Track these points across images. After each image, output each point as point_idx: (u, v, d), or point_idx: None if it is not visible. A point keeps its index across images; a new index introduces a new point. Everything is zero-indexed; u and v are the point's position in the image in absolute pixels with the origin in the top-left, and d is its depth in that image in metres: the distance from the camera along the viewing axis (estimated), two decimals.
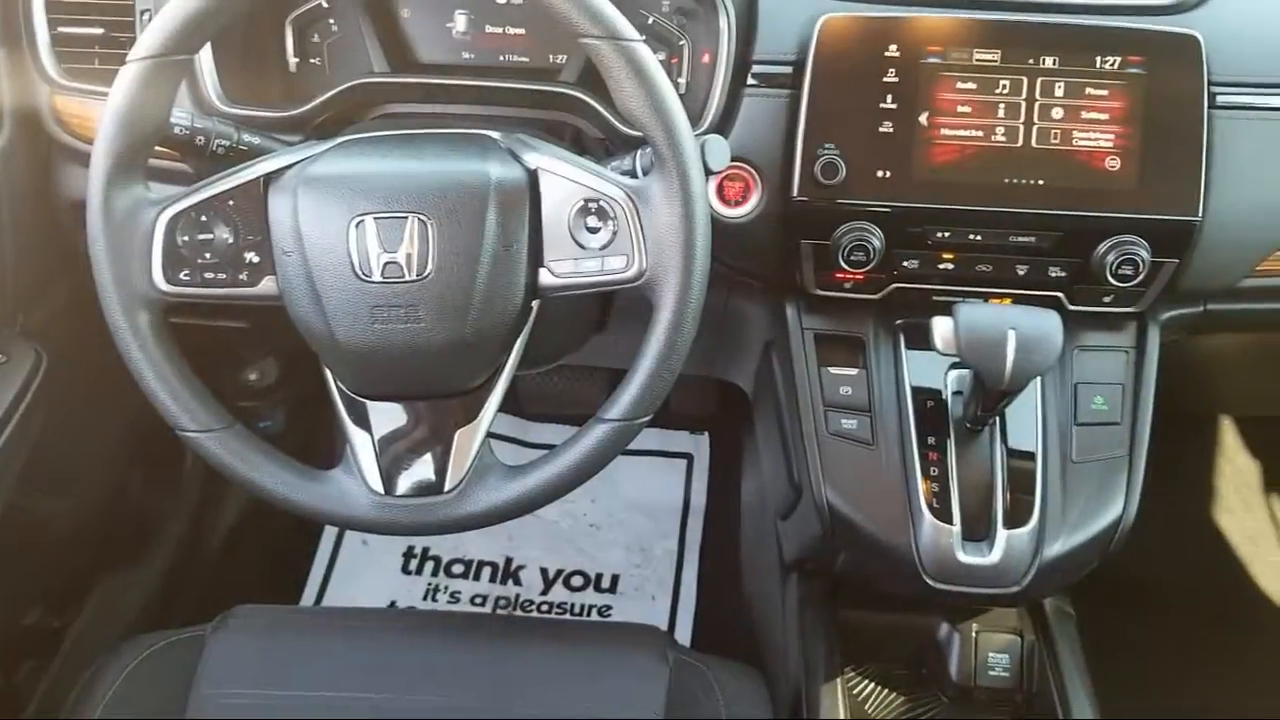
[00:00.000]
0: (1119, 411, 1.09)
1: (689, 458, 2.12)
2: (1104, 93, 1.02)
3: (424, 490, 0.91)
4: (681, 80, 1.15)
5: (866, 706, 1.20)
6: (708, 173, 0.88)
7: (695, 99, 1.10)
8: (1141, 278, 1.04)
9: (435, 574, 1.93)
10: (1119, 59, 1.01)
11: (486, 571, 1.93)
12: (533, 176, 0.87)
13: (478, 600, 1.89)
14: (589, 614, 1.87)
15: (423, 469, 0.92)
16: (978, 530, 1.06)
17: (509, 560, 1.94)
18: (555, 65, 1.16)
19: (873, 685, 1.22)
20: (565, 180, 0.87)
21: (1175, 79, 1.02)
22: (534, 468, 0.91)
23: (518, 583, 1.91)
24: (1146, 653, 1.70)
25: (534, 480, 0.90)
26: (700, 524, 2.01)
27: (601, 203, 0.86)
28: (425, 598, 1.89)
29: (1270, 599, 1.91)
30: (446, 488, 0.91)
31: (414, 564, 1.94)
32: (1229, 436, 2.05)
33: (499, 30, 1.16)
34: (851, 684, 1.21)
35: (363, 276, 0.84)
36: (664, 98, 0.84)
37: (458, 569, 1.93)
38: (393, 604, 1.87)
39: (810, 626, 1.23)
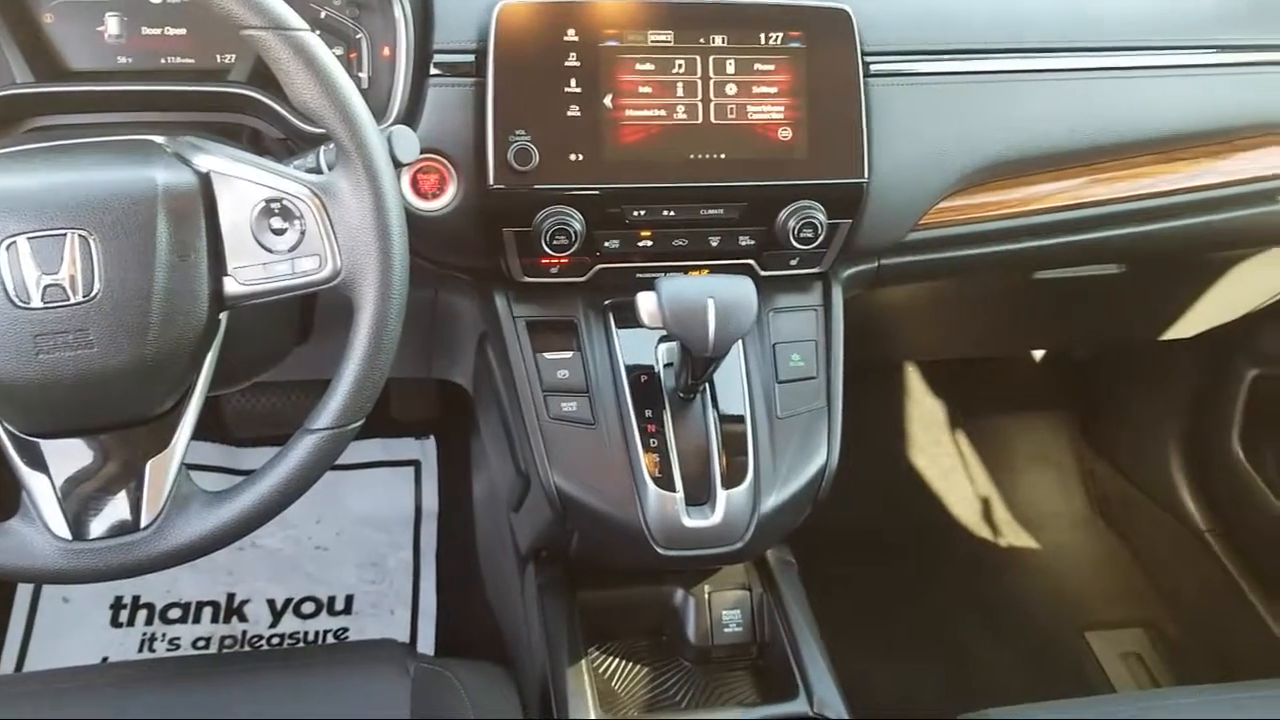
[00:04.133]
0: (814, 366, 1.16)
1: (416, 464, 2.08)
2: (770, 68, 1.07)
3: (119, 530, 0.84)
4: (363, 75, 1.11)
5: (613, 683, 1.22)
6: (397, 165, 0.86)
7: (379, 93, 1.07)
8: (821, 239, 1.10)
9: (150, 622, 1.79)
10: (781, 34, 1.07)
11: (207, 612, 1.81)
12: (205, 180, 0.82)
13: (200, 644, 1.77)
14: (325, 640, 1.79)
15: (116, 507, 0.84)
16: (699, 494, 1.09)
17: (231, 596, 1.84)
18: (224, 65, 1.10)
19: (617, 661, 1.24)
20: (242, 181, 0.82)
21: (832, 51, 1.08)
22: (239, 491, 0.85)
23: (243, 619, 1.81)
24: (863, 588, 1.83)
25: (240, 504, 0.85)
26: (434, 530, 1.98)
27: (285, 202, 0.82)
28: (141, 649, 1.76)
29: (964, 525, 2.10)
30: (143, 524, 0.84)
31: (124, 615, 1.80)
32: (914, 381, 2.24)
33: (157, 32, 1.08)
34: (596, 664, 1.22)
35: (20, 304, 0.76)
36: (339, 87, 0.80)
37: (174, 614, 1.81)
38: (105, 661, 1.72)
39: (551, 613, 1.23)
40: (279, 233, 0.82)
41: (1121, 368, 2.09)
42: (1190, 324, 1.68)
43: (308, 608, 1.84)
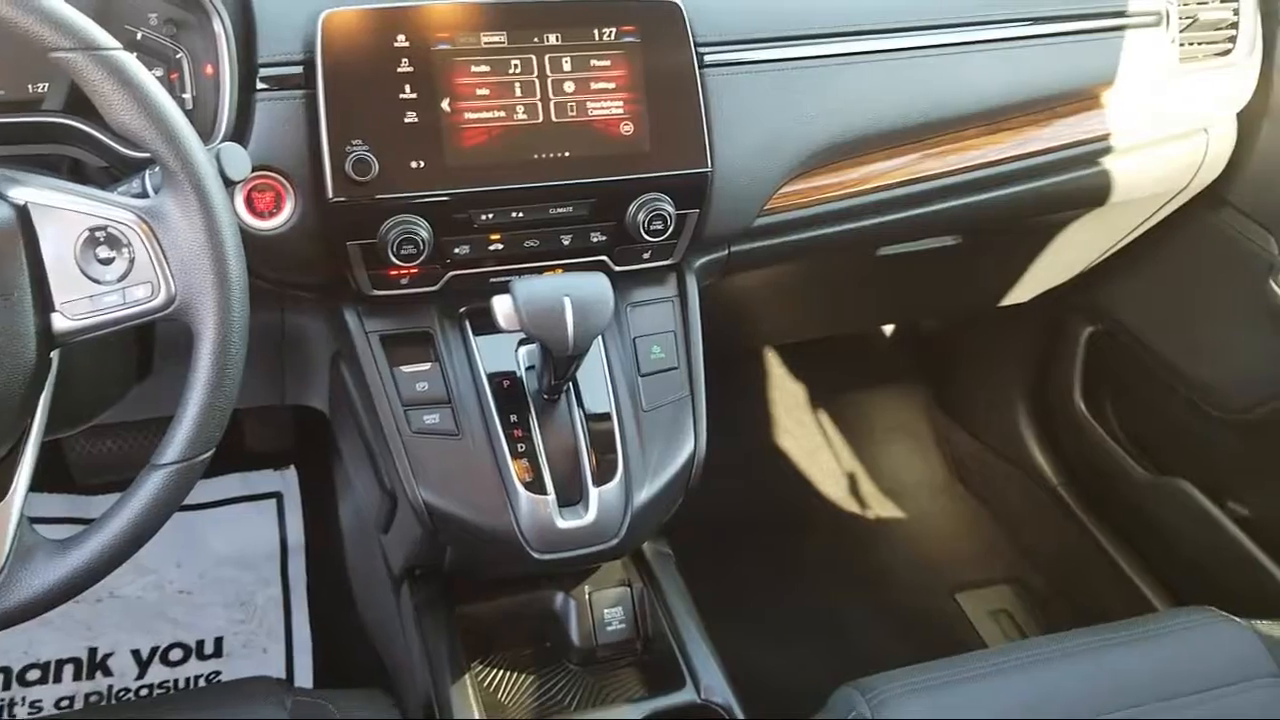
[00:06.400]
0: (675, 357, 1.17)
1: (278, 496, 2.01)
2: (606, 63, 1.07)
3: None
4: (187, 96, 1.06)
5: (499, 695, 1.20)
6: (228, 183, 0.83)
7: (205, 113, 1.03)
8: (670, 231, 1.11)
9: (7, 687, 1.69)
10: (614, 30, 1.07)
11: (68, 670, 1.72)
12: (23, 213, 0.77)
13: (64, 704, 1.68)
14: (196, 686, 1.72)
15: None
16: (571, 494, 1.09)
17: (93, 651, 1.74)
18: (36, 95, 1.04)
19: (502, 672, 1.22)
20: (63, 211, 0.78)
21: (666, 44, 1.09)
22: (86, 536, 0.81)
23: (108, 673, 1.72)
24: (741, 572, 1.86)
25: (89, 550, 0.80)
26: (302, 561, 1.92)
27: (110, 229, 0.78)
28: (1, 715, 1.65)
29: (832, 502, 2.15)
30: None
31: None
32: (774, 365, 2.28)
33: None
34: (480, 677, 1.20)
35: None
36: (159, 105, 0.77)
37: (33, 675, 1.71)
38: None
39: (430, 632, 1.21)
40: (106, 262, 0.78)
41: (968, 336, 2.17)
42: (1026, 288, 1.76)
43: (175, 655, 1.76)
